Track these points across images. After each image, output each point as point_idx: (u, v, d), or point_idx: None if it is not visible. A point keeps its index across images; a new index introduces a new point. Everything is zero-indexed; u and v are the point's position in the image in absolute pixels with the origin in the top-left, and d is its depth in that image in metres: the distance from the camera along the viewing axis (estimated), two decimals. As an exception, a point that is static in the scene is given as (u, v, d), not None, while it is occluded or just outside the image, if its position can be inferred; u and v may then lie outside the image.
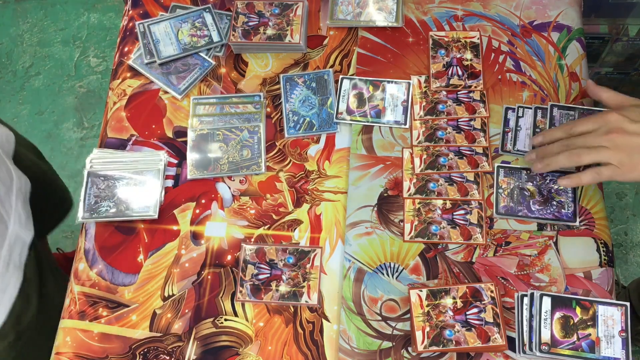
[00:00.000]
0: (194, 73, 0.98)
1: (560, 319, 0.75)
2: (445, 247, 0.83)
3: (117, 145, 0.95)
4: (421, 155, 0.89)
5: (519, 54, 0.95)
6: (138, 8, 1.05)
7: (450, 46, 0.96)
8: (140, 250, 0.87)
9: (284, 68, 0.98)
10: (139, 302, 0.84)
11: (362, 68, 0.96)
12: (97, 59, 2.15)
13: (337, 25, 1.00)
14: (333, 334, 0.80)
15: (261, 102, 0.95)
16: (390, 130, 0.92)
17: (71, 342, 0.82)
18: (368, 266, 0.83)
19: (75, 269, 0.87)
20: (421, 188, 0.87)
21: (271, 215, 0.88)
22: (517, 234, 0.83)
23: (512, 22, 0.98)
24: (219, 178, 0.91)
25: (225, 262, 0.86)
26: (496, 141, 0.89)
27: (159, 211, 0.88)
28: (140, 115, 0.97)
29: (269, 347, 0.80)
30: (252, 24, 0.99)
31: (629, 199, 1.74)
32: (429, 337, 0.77)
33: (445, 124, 0.90)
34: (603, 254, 0.81)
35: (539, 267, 0.81)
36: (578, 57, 0.94)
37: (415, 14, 1.00)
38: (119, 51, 1.03)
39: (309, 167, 0.91)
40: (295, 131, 0.93)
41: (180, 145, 0.94)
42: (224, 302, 0.83)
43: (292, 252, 0.85)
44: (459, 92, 0.92)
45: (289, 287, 0.83)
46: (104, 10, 2.23)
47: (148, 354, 0.81)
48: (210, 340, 0.81)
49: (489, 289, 0.78)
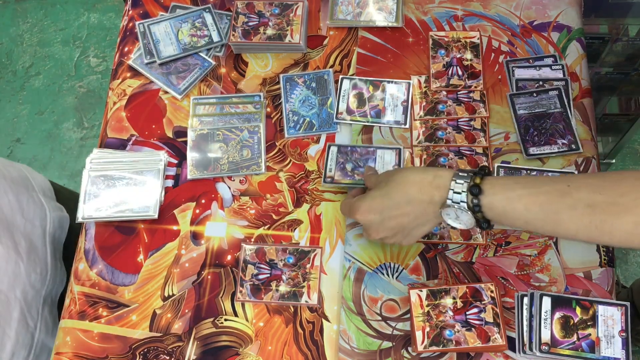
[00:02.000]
0: (194, 73, 0.98)
1: (560, 319, 0.75)
2: (445, 247, 0.83)
3: (117, 145, 0.95)
4: (421, 155, 0.89)
5: (519, 54, 0.95)
6: (138, 8, 1.05)
7: (450, 46, 0.96)
8: (140, 250, 0.87)
9: (284, 68, 0.98)
10: (139, 302, 0.84)
11: (362, 68, 0.96)
12: (97, 59, 2.15)
13: (337, 25, 1.00)
14: (333, 334, 0.80)
15: (261, 102, 0.95)
16: (390, 130, 0.92)
17: (71, 342, 0.82)
18: (368, 266, 0.83)
19: (75, 269, 0.87)
20: (421, 188, 0.87)
21: (271, 215, 0.88)
22: (517, 234, 0.83)
23: (512, 22, 0.98)
24: (219, 178, 0.91)
25: (225, 262, 0.85)
26: (496, 141, 0.89)
27: (159, 211, 0.88)
28: (140, 115, 0.97)
29: (269, 347, 0.80)
30: (252, 24, 0.99)
31: (629, 199, 1.74)
32: (429, 337, 0.77)
33: (445, 124, 0.90)
34: (603, 253, 0.81)
35: (539, 267, 0.81)
36: (578, 57, 0.94)
37: (415, 14, 1.00)
38: (119, 51, 1.03)
39: (309, 167, 0.91)
40: (295, 131, 0.93)
41: (180, 145, 0.94)
42: (224, 302, 0.83)
43: (292, 252, 0.85)
44: (459, 92, 0.92)
45: (289, 287, 0.83)
46: (104, 10, 2.23)
47: (148, 354, 0.81)
48: (210, 340, 0.81)
49: (489, 289, 0.78)
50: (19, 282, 0.80)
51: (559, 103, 0.89)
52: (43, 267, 0.86)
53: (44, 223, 0.88)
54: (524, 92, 0.90)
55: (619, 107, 1.52)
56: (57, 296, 0.91)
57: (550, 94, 0.89)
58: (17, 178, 0.86)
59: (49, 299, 0.87)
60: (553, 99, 0.89)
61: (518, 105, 0.89)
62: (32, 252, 0.84)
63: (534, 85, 0.91)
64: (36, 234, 0.86)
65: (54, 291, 0.89)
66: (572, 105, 0.90)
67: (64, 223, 0.95)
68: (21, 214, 0.84)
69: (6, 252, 0.78)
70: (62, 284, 0.92)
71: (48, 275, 0.87)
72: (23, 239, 0.82)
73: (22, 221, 0.83)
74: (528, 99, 0.90)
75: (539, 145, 0.87)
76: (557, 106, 0.89)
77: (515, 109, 0.89)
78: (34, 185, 0.90)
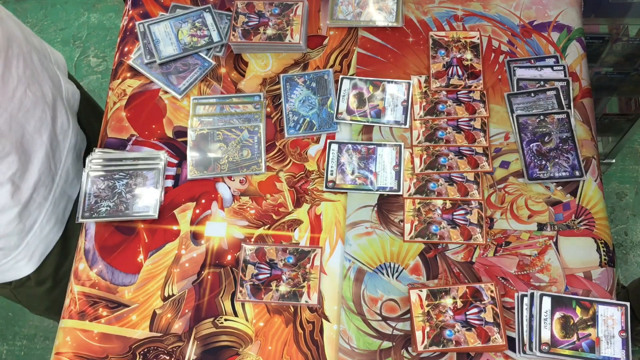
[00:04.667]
0: (194, 73, 0.98)
1: (561, 319, 0.75)
2: (445, 247, 0.83)
3: (117, 145, 0.95)
4: (421, 155, 0.89)
5: (519, 54, 0.95)
6: (138, 8, 1.05)
7: (450, 46, 0.96)
8: (140, 250, 0.87)
9: (284, 68, 0.98)
10: (139, 302, 0.84)
11: (362, 68, 0.96)
12: (97, 59, 2.14)
13: (337, 25, 1.00)
14: (333, 334, 0.80)
15: (261, 102, 0.95)
16: (390, 130, 0.92)
17: (71, 342, 0.82)
18: (368, 266, 0.83)
19: (75, 269, 0.87)
20: (421, 188, 0.87)
21: (271, 215, 0.88)
22: (517, 234, 0.83)
23: (512, 22, 0.98)
24: (219, 178, 0.91)
25: (225, 262, 0.85)
26: (496, 141, 0.89)
27: (159, 211, 0.88)
28: (140, 115, 0.97)
29: (269, 347, 0.80)
30: (252, 24, 0.99)
31: (629, 199, 1.74)
32: (429, 337, 0.77)
33: (445, 124, 0.90)
34: (603, 254, 0.81)
35: (539, 267, 0.81)
36: (578, 57, 0.94)
37: (415, 14, 1.00)
38: (119, 51, 1.02)
39: (309, 167, 0.91)
40: (295, 131, 0.93)
41: (180, 145, 0.94)
42: (224, 302, 0.83)
43: (292, 252, 0.85)
44: (459, 92, 0.92)
45: (289, 287, 0.83)
46: (104, 10, 2.23)
47: (148, 354, 0.81)
48: (210, 340, 0.81)
49: (489, 289, 0.78)
50: (45, 128, 0.88)
51: (557, 103, 0.89)
52: (65, 120, 0.94)
53: (60, 88, 0.96)
54: (522, 92, 0.90)
55: (619, 107, 1.52)
56: (81, 152, 1.00)
57: (549, 94, 0.89)
58: (38, 45, 0.94)
59: (72, 152, 0.96)
60: (551, 99, 0.89)
61: (515, 105, 0.89)
62: (56, 105, 0.92)
63: (534, 85, 0.91)
64: (57, 92, 0.94)
65: (77, 146, 0.98)
66: (573, 105, 0.90)
67: (76, 95, 1.03)
68: (46, 72, 0.92)
69: (35, 98, 0.86)
70: (83, 143, 1.02)
71: (70, 129, 0.96)
72: (50, 92, 0.91)
73: (47, 78, 0.91)
74: (526, 99, 0.90)
75: (543, 169, 0.86)
76: (555, 106, 0.89)
77: (512, 109, 0.89)
78: (51, 57, 0.98)
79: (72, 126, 0.97)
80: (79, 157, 0.99)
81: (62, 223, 0.95)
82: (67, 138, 0.95)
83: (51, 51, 0.99)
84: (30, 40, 0.91)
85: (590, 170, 0.86)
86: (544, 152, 0.86)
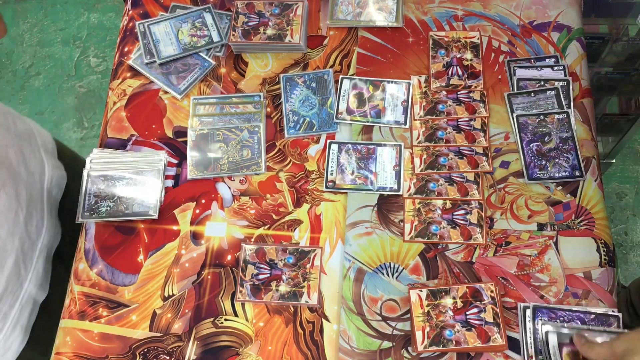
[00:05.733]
0: (194, 73, 0.98)
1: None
2: (445, 247, 0.83)
3: (117, 145, 0.95)
4: (421, 155, 0.89)
5: (519, 53, 0.95)
6: (138, 8, 1.05)
7: (450, 46, 0.96)
8: (140, 250, 0.87)
9: (284, 68, 0.98)
10: (139, 302, 0.84)
11: (362, 68, 0.96)
12: (97, 59, 2.14)
13: (337, 25, 1.00)
14: (333, 334, 0.80)
15: (261, 102, 0.95)
16: (390, 130, 0.92)
17: (71, 342, 0.82)
18: (368, 266, 0.83)
19: (75, 269, 0.87)
20: (421, 188, 0.87)
21: (271, 215, 0.88)
22: (517, 234, 0.83)
23: (512, 22, 0.98)
24: (219, 178, 0.91)
25: (225, 262, 0.85)
26: (496, 141, 0.89)
27: (159, 211, 0.88)
28: (140, 115, 0.97)
29: (269, 347, 0.80)
30: (252, 24, 0.99)
31: (629, 199, 1.74)
32: (429, 337, 0.77)
33: (445, 124, 0.90)
34: (603, 254, 0.81)
35: (539, 267, 0.81)
36: (578, 57, 0.94)
37: (415, 14, 1.00)
38: (119, 51, 1.03)
39: (309, 167, 0.91)
40: (295, 131, 0.93)
41: (180, 145, 0.94)
42: (224, 302, 0.83)
43: (292, 252, 0.85)
44: (459, 92, 0.92)
45: (289, 287, 0.83)
46: (104, 10, 2.23)
47: (148, 354, 0.81)
48: (210, 340, 0.81)
49: (489, 289, 0.78)
50: (17, 231, 0.82)
51: (557, 103, 0.89)
52: (40, 219, 0.88)
53: (42, 178, 0.91)
54: (522, 92, 0.90)
55: (619, 107, 1.52)
56: (52, 250, 0.92)
57: (548, 94, 0.89)
58: (22, 131, 0.89)
59: (44, 251, 0.89)
60: (551, 99, 0.89)
61: (515, 105, 0.89)
62: (31, 203, 0.86)
63: (534, 85, 0.91)
64: (36, 188, 0.88)
65: (49, 245, 0.91)
66: (573, 105, 0.90)
67: (61, 181, 0.97)
68: (25, 166, 0.86)
69: (8, 200, 0.80)
70: (57, 238, 0.94)
71: (44, 228, 0.89)
72: (25, 189, 0.84)
73: (25, 173, 0.86)
74: (526, 98, 0.90)
75: (543, 169, 0.86)
76: (555, 106, 0.89)
77: (512, 109, 0.89)
78: (38, 140, 0.93)
79: (47, 224, 0.90)
80: (49, 258, 0.91)
81: (27, 331, 0.86)
82: (40, 238, 0.88)
83: (38, 132, 0.94)
84: (11, 129, 0.85)
85: (590, 170, 0.86)
86: (544, 152, 0.86)
